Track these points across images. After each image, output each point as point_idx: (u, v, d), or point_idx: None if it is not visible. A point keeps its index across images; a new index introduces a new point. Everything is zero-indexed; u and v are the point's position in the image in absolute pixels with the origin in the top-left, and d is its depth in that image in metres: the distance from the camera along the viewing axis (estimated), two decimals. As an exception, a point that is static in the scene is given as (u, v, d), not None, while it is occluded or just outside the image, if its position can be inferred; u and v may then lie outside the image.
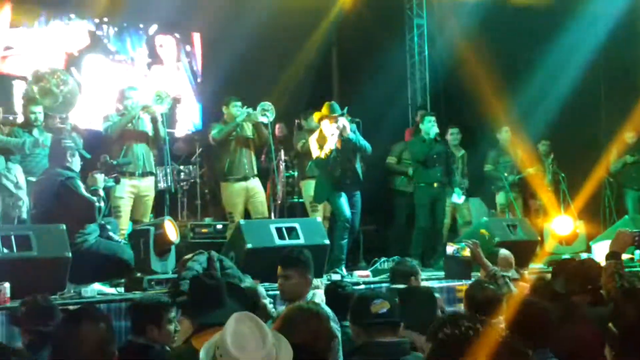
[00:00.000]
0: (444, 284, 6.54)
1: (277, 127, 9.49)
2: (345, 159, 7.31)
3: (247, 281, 5.34)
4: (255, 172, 8.13)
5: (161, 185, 8.09)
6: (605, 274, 4.03)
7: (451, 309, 5.44)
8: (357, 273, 7.11)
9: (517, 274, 5.85)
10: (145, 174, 7.43)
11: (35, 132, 7.46)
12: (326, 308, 3.78)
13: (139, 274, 5.99)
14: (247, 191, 8.02)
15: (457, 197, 9.04)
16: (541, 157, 10.05)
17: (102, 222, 6.12)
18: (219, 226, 8.62)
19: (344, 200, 7.27)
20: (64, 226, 5.65)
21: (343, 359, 3.69)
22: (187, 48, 11.08)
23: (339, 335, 3.83)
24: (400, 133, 10.31)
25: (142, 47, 10.58)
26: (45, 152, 6.97)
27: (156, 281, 5.96)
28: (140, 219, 7.34)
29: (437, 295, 4.22)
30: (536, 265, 7.67)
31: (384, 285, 6.05)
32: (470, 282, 5.47)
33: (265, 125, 8.04)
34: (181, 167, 9.31)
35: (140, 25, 10.58)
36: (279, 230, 6.55)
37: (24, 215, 7.16)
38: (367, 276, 7.01)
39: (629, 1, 10.54)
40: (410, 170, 9.07)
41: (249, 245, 6.28)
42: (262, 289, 4.71)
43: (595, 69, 10.72)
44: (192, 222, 8.82)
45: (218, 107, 8.38)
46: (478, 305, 4.09)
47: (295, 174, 9.26)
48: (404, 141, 9.81)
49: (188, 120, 10.89)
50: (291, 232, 6.60)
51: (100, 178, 6.15)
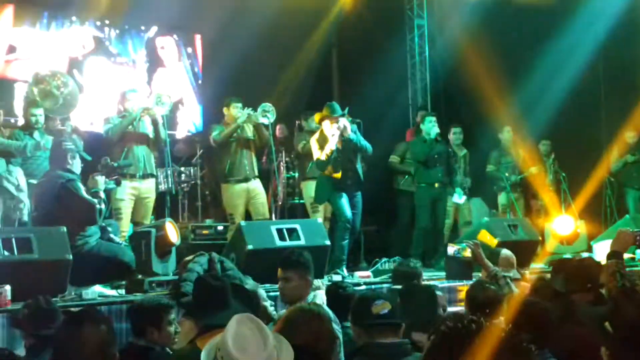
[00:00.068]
0: (445, 284, 6.53)
1: (278, 128, 9.49)
2: (346, 159, 7.31)
3: (248, 283, 5.33)
4: (256, 173, 8.13)
5: (162, 187, 8.09)
6: (606, 274, 4.03)
7: (452, 309, 5.43)
8: (358, 274, 7.10)
9: (518, 274, 5.85)
10: (145, 175, 7.44)
11: (36, 135, 7.47)
12: (327, 309, 3.78)
13: (140, 276, 5.99)
14: (248, 192, 8.02)
15: (458, 197, 9.04)
16: (542, 156, 10.04)
17: (103, 224, 6.13)
18: (220, 227, 8.60)
19: (344, 200, 7.26)
20: (64, 228, 5.64)
21: (344, 360, 3.69)
22: (188, 49, 11.08)
23: (340, 336, 3.83)
24: (401, 133, 10.30)
25: (143, 50, 10.58)
26: (46, 155, 6.98)
27: (157, 283, 5.94)
28: (141, 220, 7.35)
29: (439, 293, 4.21)
30: (537, 265, 7.67)
31: (385, 285, 6.05)
32: (471, 282, 5.46)
33: (266, 126, 8.04)
34: (182, 168, 9.30)
35: (142, 28, 10.58)
36: (279, 231, 6.54)
37: (25, 218, 7.17)
38: (368, 277, 7.00)
39: (628, 0, 10.53)
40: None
41: (250, 247, 6.28)
42: (262, 291, 4.71)
43: (596, 68, 10.72)
44: (192, 223, 8.80)
45: (219, 109, 8.38)
46: (479, 305, 4.09)
47: (296, 175, 9.26)
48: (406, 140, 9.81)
49: (189, 121, 10.89)
50: (292, 233, 6.59)
51: (101, 180, 6.15)
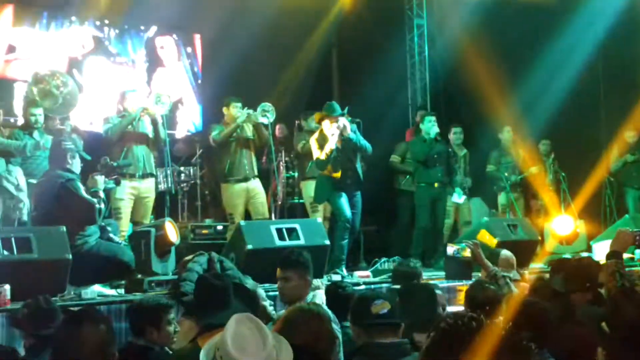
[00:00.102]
0: (445, 284, 6.53)
1: (278, 128, 9.49)
2: (346, 159, 7.30)
3: (248, 282, 5.33)
4: (256, 173, 8.13)
5: (161, 186, 8.09)
6: (606, 274, 4.03)
7: (452, 309, 5.42)
8: (357, 273, 7.10)
9: (518, 275, 5.84)
10: (145, 175, 7.44)
11: (36, 134, 7.47)
12: (327, 309, 3.77)
13: (139, 276, 5.99)
14: (248, 192, 8.01)
15: (458, 197, 9.04)
16: (542, 156, 10.04)
17: (103, 223, 6.12)
18: (220, 227, 8.59)
19: (344, 200, 7.26)
20: (64, 228, 5.64)
21: (344, 360, 3.69)
22: (188, 49, 11.07)
23: (340, 336, 3.83)
24: (401, 133, 10.30)
25: (143, 49, 10.58)
26: (45, 154, 6.97)
27: (156, 282, 5.95)
28: (140, 220, 7.35)
29: (438, 292, 4.21)
30: (537, 265, 7.67)
31: (385, 285, 6.05)
32: (470, 282, 5.46)
33: (266, 126, 8.03)
34: (181, 168, 9.29)
35: (141, 27, 10.58)
36: (279, 231, 6.53)
37: (25, 218, 7.17)
38: (368, 276, 7.00)
39: (627, 0, 10.54)
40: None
41: (250, 246, 6.28)
42: (261, 291, 4.71)
43: (595, 67, 10.72)
44: (192, 223, 8.80)
45: (218, 108, 8.38)
46: (478, 305, 4.08)
47: (296, 174, 9.26)
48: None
49: (188, 121, 10.88)
50: (291, 233, 6.58)
51: (101, 180, 6.15)
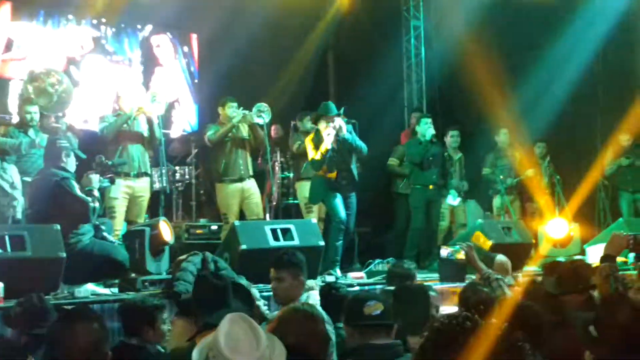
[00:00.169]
0: (439, 285, 6.52)
1: (273, 129, 9.48)
2: (341, 159, 7.30)
3: (242, 283, 5.32)
4: (251, 173, 8.12)
5: (156, 185, 8.08)
6: (600, 277, 4.03)
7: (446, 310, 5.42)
8: (351, 275, 7.11)
9: (512, 280, 5.82)
10: (140, 174, 7.42)
11: (31, 132, 7.46)
12: (321, 310, 3.77)
13: (134, 275, 5.98)
14: (243, 192, 8.00)
15: (453, 199, 9.04)
16: (537, 159, 10.04)
17: (97, 222, 6.11)
18: (214, 227, 8.60)
19: (339, 201, 7.26)
20: (58, 226, 5.63)
21: (336, 360, 3.69)
22: (185, 49, 11.06)
23: (333, 337, 3.83)
24: (397, 135, 10.30)
25: (139, 48, 10.56)
26: (40, 153, 6.95)
27: (150, 282, 5.95)
28: (134, 219, 7.34)
29: (432, 293, 4.20)
30: (530, 268, 7.67)
31: (379, 287, 6.05)
32: (464, 284, 5.46)
33: (261, 126, 8.03)
34: (177, 167, 9.30)
35: (138, 26, 10.57)
36: (273, 231, 6.52)
37: (19, 215, 7.15)
38: (362, 278, 7.01)
39: (626, 4, 10.56)
40: None
41: (244, 247, 6.26)
42: (255, 291, 4.70)
43: (591, 71, 10.74)
44: (186, 222, 8.81)
45: (214, 108, 8.37)
46: (471, 307, 4.08)
47: (291, 175, 9.26)
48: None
49: (184, 120, 10.87)
50: (286, 233, 6.57)
51: (96, 178, 6.14)
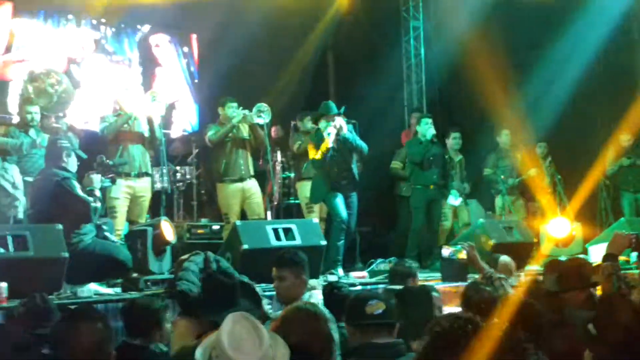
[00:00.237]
0: (441, 285, 6.52)
1: (273, 129, 9.48)
2: (342, 159, 7.30)
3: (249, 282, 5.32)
4: (252, 173, 8.12)
5: (157, 185, 8.08)
6: (602, 276, 4.04)
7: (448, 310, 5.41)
8: (353, 274, 7.10)
9: (516, 281, 5.82)
10: (141, 174, 7.42)
11: (32, 132, 7.47)
12: (324, 309, 3.77)
13: (136, 274, 5.98)
14: (243, 192, 8.00)
15: (454, 199, 9.04)
16: (539, 159, 10.04)
17: (98, 222, 6.11)
18: (215, 227, 8.60)
19: (340, 201, 7.26)
20: (60, 226, 5.64)
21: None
22: (184, 49, 11.07)
23: (337, 336, 3.83)
24: (397, 136, 10.31)
25: (137, 48, 10.56)
26: (42, 153, 6.96)
27: (152, 281, 5.95)
28: (136, 219, 7.34)
29: (435, 294, 4.20)
30: (532, 267, 7.67)
31: (381, 286, 6.04)
32: (466, 284, 5.45)
33: (261, 126, 8.03)
34: (177, 167, 9.30)
35: (138, 27, 10.57)
36: (275, 231, 6.52)
37: (21, 215, 7.17)
38: (364, 277, 7.01)
39: (626, 5, 10.56)
40: None
41: (245, 246, 6.26)
42: (259, 290, 4.69)
43: (592, 71, 10.73)
44: (188, 222, 8.81)
45: (215, 108, 8.37)
46: (474, 306, 4.08)
47: (292, 175, 9.27)
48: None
49: (185, 121, 10.88)
50: (288, 233, 6.57)
51: (97, 178, 6.14)
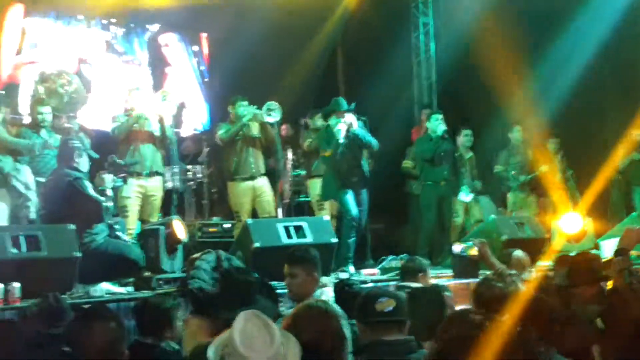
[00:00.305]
0: (452, 282, 6.52)
1: (283, 128, 9.49)
2: (352, 155, 7.31)
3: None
4: (262, 171, 8.14)
5: (169, 184, 8.12)
6: (614, 271, 4.03)
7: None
8: (364, 271, 7.11)
9: (530, 275, 5.80)
10: (152, 174, 7.46)
11: (43, 133, 7.51)
12: (335, 306, 3.77)
13: (149, 273, 6.01)
14: (254, 190, 8.02)
15: (465, 195, 9.02)
16: (551, 155, 10.00)
17: (110, 222, 6.14)
18: (227, 225, 8.62)
19: (350, 198, 7.26)
20: (73, 226, 5.68)
21: (351, 357, 3.69)
22: (194, 48, 11.09)
23: (348, 333, 3.83)
24: (407, 132, 10.29)
25: (147, 47, 10.59)
26: (53, 153, 7.00)
27: (164, 280, 5.98)
28: (147, 218, 7.38)
29: (447, 293, 4.18)
30: (544, 263, 7.65)
31: (392, 283, 6.05)
32: (477, 280, 5.45)
33: (272, 124, 8.04)
34: (189, 166, 9.33)
35: (147, 27, 10.60)
36: (286, 229, 6.53)
37: (33, 216, 7.20)
38: (375, 274, 7.01)
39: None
40: None
41: (257, 245, 6.28)
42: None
43: (603, 65, 10.67)
44: (199, 221, 8.84)
45: (225, 107, 8.40)
46: (485, 303, 4.07)
47: (302, 172, 9.27)
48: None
49: (196, 120, 10.90)
50: (299, 230, 6.58)
51: (109, 178, 6.18)
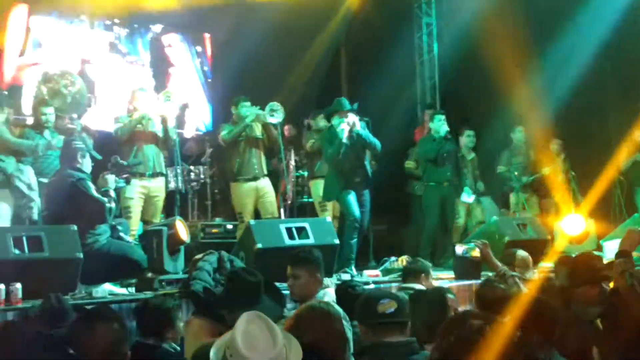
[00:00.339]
0: (454, 284, 6.52)
1: (286, 128, 9.49)
2: (355, 156, 7.31)
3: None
4: (265, 172, 8.14)
5: (171, 185, 8.12)
6: (616, 273, 4.03)
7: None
8: (366, 272, 7.11)
9: (534, 275, 5.81)
10: (155, 174, 7.47)
11: (47, 134, 7.51)
12: (338, 308, 3.78)
13: (151, 274, 6.01)
14: (257, 191, 8.03)
15: (467, 196, 9.02)
16: (553, 156, 9.99)
17: (113, 223, 6.15)
18: (229, 226, 8.63)
19: (353, 199, 7.26)
20: (75, 227, 5.67)
21: (353, 359, 3.69)
22: (198, 48, 11.10)
23: (350, 334, 3.83)
24: (410, 132, 10.29)
25: (149, 48, 10.60)
26: (57, 154, 7.00)
27: (167, 281, 5.98)
28: (150, 219, 7.38)
29: (450, 296, 4.18)
30: (546, 264, 7.64)
31: (394, 284, 6.05)
32: (479, 281, 5.45)
33: (274, 125, 8.05)
34: (191, 167, 9.34)
35: (150, 27, 10.62)
36: (288, 230, 6.51)
37: (36, 217, 7.20)
38: (377, 275, 7.01)
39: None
40: None
41: (259, 245, 6.27)
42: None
43: (604, 65, 10.66)
44: (202, 222, 8.84)
45: (228, 108, 8.41)
46: (487, 304, 4.08)
47: (305, 173, 9.28)
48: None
49: (199, 120, 10.91)
50: (301, 231, 6.57)
51: (111, 179, 6.18)
